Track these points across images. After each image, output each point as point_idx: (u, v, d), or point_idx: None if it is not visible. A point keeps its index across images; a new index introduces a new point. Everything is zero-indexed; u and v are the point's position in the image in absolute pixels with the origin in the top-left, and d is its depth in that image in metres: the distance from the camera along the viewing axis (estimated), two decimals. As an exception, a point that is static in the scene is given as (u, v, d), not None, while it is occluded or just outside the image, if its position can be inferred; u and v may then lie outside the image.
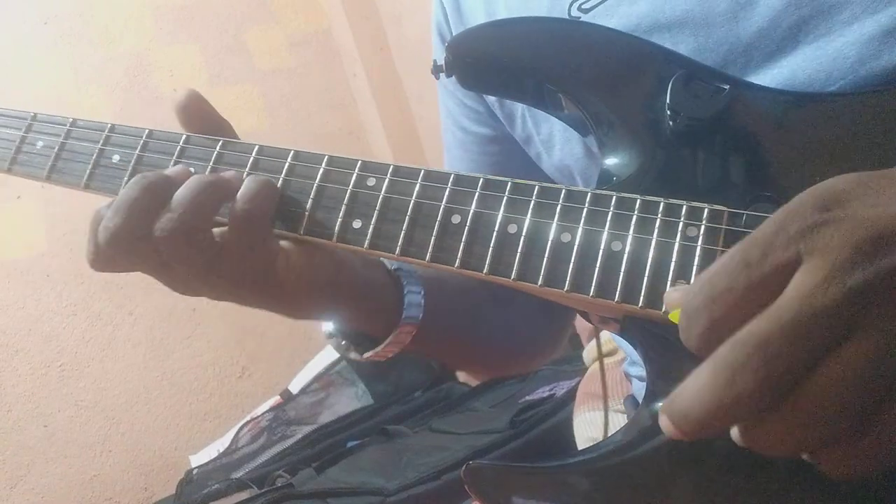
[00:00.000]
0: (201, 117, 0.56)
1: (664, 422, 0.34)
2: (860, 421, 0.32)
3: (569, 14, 0.59)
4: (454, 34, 0.69)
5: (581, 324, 1.18)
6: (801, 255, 0.33)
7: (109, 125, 0.58)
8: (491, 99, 0.69)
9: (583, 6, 0.58)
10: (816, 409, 0.32)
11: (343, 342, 0.61)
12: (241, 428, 1.75)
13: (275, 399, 1.83)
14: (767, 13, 0.50)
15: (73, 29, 1.98)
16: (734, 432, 0.34)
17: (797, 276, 0.33)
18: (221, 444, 1.76)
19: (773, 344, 0.32)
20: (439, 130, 0.80)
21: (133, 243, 0.49)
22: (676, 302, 0.38)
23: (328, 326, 0.61)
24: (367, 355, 0.60)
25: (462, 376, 2.00)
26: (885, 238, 0.33)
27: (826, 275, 0.32)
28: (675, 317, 0.38)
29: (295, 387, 1.83)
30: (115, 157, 0.57)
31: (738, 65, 0.51)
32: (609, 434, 0.46)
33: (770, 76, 0.50)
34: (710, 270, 0.35)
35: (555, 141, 0.63)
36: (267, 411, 1.78)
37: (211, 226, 0.50)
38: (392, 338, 0.59)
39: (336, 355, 1.85)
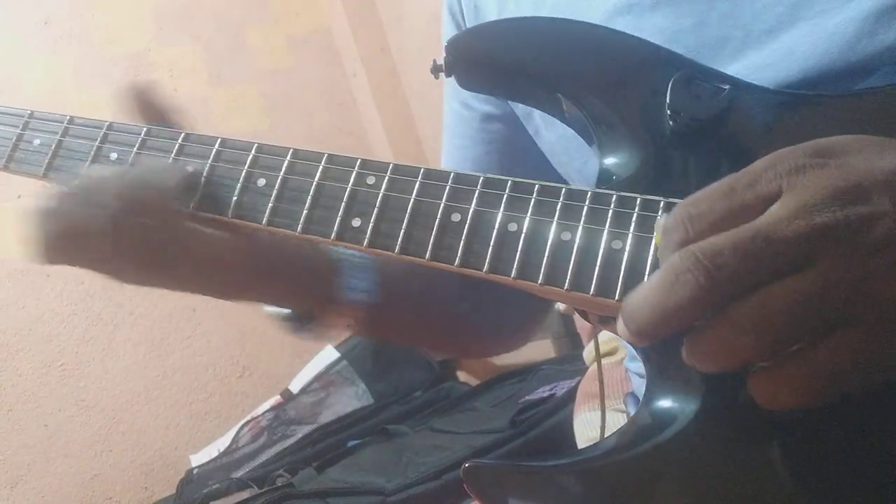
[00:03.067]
0: (145, 110, 0.56)
1: (619, 324, 0.35)
2: (787, 346, 0.33)
3: None
4: (466, 26, 0.69)
5: (581, 323, 1.18)
6: (782, 189, 0.34)
7: (107, 123, 0.58)
8: None
9: None
10: (750, 320, 0.33)
11: (289, 322, 0.60)
12: (241, 428, 1.75)
13: (275, 399, 1.83)
14: None
15: (73, 29, 1.97)
16: (683, 349, 0.35)
17: (772, 206, 0.34)
18: (222, 443, 1.76)
19: (721, 256, 0.33)
20: (439, 130, 0.80)
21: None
22: (662, 225, 0.38)
23: (273, 308, 0.60)
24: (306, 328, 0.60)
25: (462, 376, 2.00)
26: (866, 188, 0.33)
27: (797, 209, 0.33)
28: (658, 239, 0.39)
29: (295, 386, 1.83)
30: (113, 155, 0.56)
31: (737, 40, 0.51)
32: (606, 434, 0.46)
33: (768, 51, 0.50)
34: (697, 193, 0.36)
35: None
36: (267, 411, 1.78)
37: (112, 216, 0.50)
38: (328, 319, 0.58)
39: (336, 355, 1.85)
